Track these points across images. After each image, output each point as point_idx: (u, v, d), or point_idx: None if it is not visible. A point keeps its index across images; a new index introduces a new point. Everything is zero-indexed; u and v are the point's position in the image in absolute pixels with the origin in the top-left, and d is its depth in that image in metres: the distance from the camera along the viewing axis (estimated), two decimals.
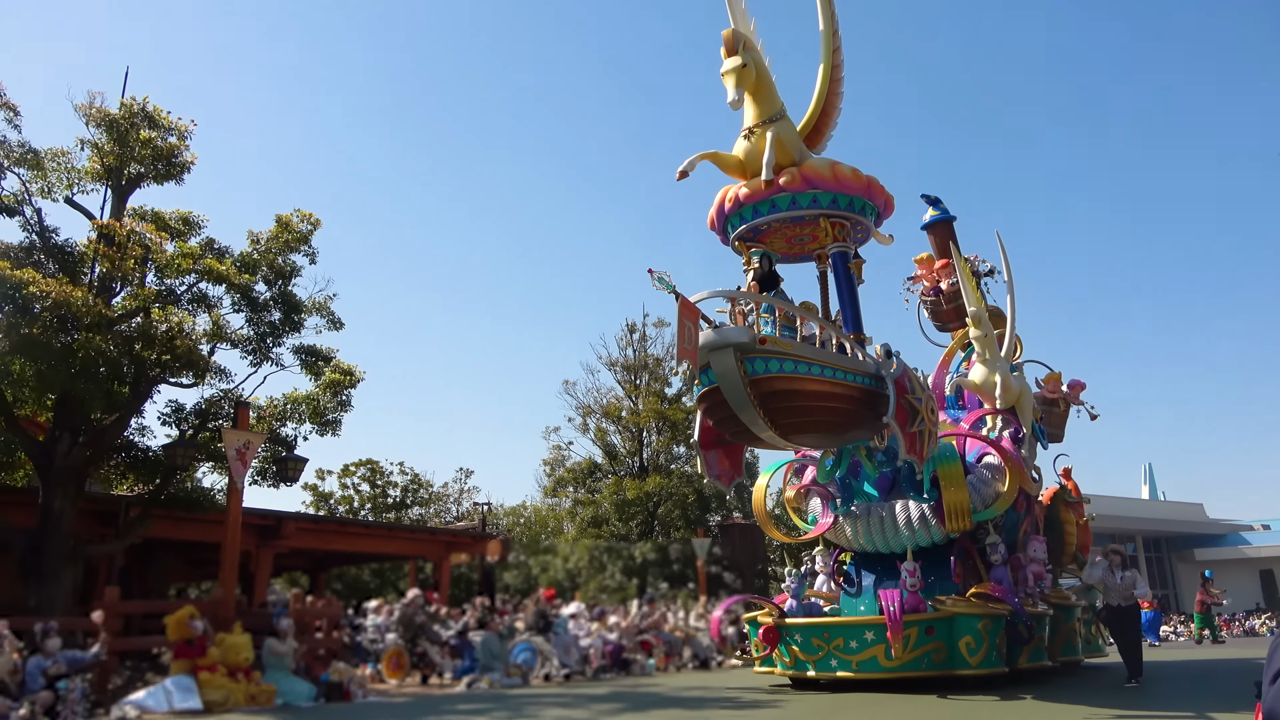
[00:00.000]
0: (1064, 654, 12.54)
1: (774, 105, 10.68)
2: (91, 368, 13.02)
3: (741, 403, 8.69)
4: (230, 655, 11.39)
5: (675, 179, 10.23)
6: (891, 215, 11.55)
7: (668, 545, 28.86)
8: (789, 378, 8.78)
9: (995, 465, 11.72)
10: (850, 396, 9.35)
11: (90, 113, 14.89)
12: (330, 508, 33.74)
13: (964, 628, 10.32)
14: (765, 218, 10.91)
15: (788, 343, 8.88)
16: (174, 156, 15.34)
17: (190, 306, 14.97)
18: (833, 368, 9.14)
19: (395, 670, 14.61)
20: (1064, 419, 14.63)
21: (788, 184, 10.52)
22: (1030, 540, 12.17)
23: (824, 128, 11.69)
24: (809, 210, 10.75)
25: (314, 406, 16.83)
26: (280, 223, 15.95)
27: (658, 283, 8.02)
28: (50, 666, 9.61)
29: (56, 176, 14.90)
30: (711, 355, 8.55)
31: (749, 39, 10.49)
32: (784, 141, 10.59)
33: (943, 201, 14.84)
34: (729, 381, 8.58)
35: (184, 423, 15.75)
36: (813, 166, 10.67)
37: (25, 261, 13.75)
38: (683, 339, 8.12)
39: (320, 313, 16.64)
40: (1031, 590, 11.62)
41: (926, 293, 14.44)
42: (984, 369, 12.10)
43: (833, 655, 10.74)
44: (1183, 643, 25.82)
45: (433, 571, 24.13)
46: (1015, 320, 13.08)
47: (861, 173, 10.83)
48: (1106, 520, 36.34)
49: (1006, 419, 12.35)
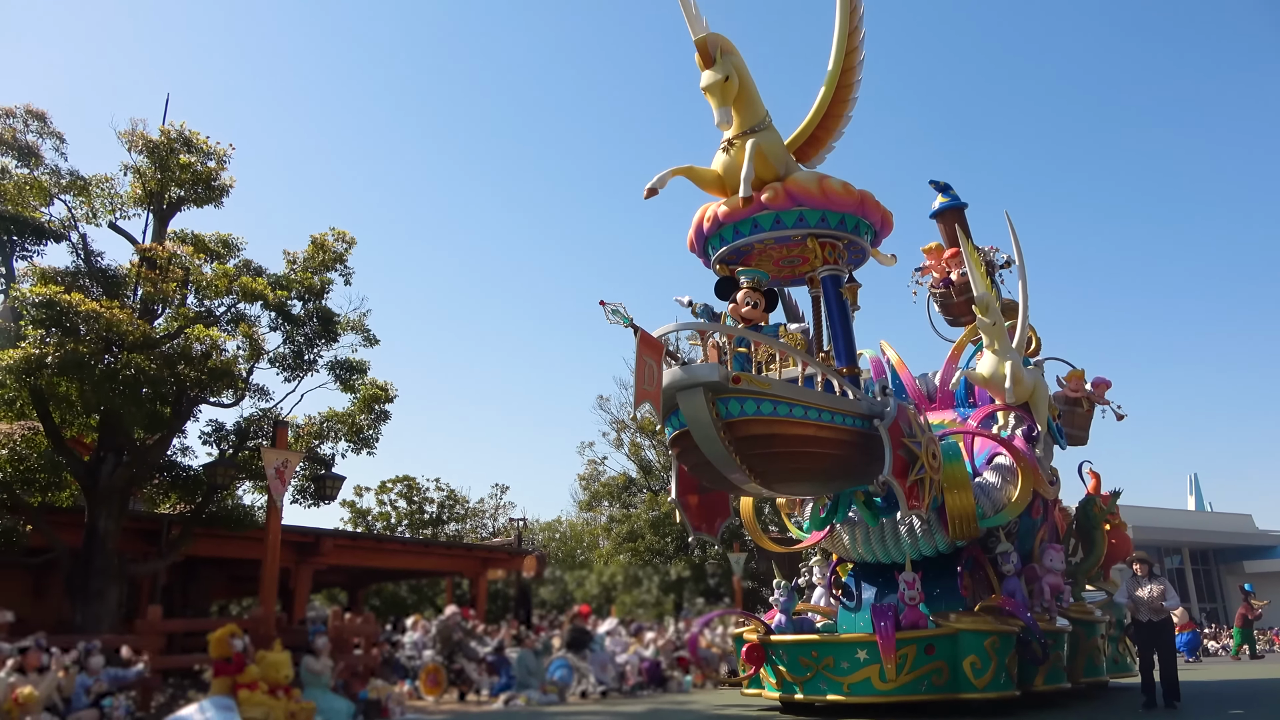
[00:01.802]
0: (1086, 674, 11.39)
1: (757, 114, 9.77)
2: (135, 388, 13.28)
3: (715, 449, 7.85)
4: (270, 672, 11.47)
5: (643, 197, 9.42)
6: (891, 233, 10.70)
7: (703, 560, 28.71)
8: (768, 420, 7.89)
9: (1006, 466, 10.68)
10: (839, 440, 8.45)
11: (133, 139, 15.27)
12: (368, 524, 34.06)
13: (969, 646, 9.23)
14: (747, 238, 10.01)
15: (765, 381, 8.02)
16: (213, 180, 15.67)
17: (229, 327, 15.23)
18: (818, 408, 8.25)
19: (433, 687, 14.65)
20: (1088, 419, 13.56)
21: (770, 201, 9.63)
22: (1047, 549, 11.21)
23: (824, 136, 10.77)
24: (795, 230, 9.85)
25: (351, 424, 17.03)
26: (315, 243, 16.20)
27: (611, 316, 7.38)
28: (94, 684, 9.77)
29: (100, 202, 15.34)
30: (679, 396, 7.70)
31: (726, 43, 9.54)
32: (766, 153, 9.69)
33: (953, 188, 13.78)
34: (700, 425, 7.74)
35: (224, 441, 16.02)
36: (798, 181, 9.77)
37: (71, 285, 14.10)
38: (641, 378, 7.32)
39: (355, 330, 16.90)
40: (1048, 604, 10.70)
41: (936, 285, 13.48)
42: (993, 360, 10.96)
43: (822, 676, 9.64)
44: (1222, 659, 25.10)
45: (469, 587, 24.21)
46: (1028, 308, 11.97)
47: (854, 187, 9.91)
48: (1151, 532, 35.65)
49: (1020, 416, 11.34)
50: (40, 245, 14.77)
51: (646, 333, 7.52)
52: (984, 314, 10.65)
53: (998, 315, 10.87)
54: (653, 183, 9.40)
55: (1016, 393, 10.96)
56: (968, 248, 11.40)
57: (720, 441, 7.79)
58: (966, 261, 11.31)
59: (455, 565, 24.47)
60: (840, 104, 10.63)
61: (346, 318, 16.70)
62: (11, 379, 12.71)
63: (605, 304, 7.41)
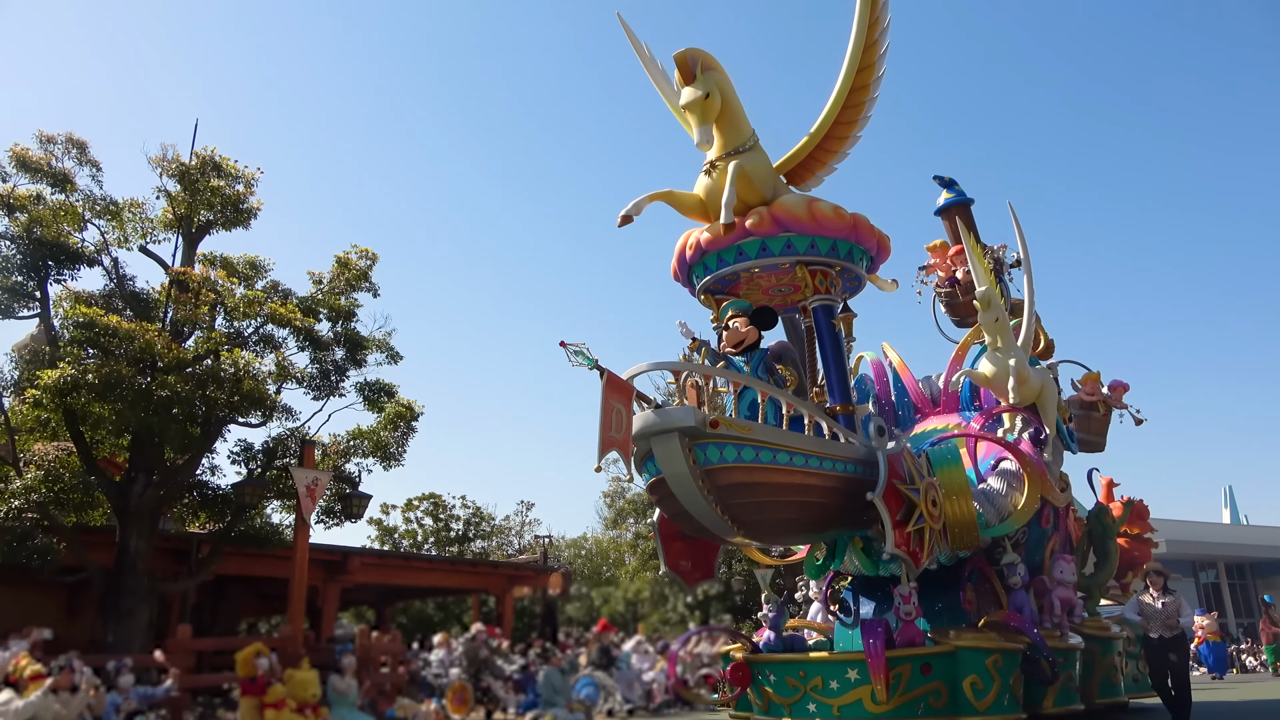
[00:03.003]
0: (1103, 695, 10.60)
1: (742, 134, 9.18)
2: (168, 409, 13.49)
3: (694, 499, 7.24)
4: (298, 691, 11.55)
5: (617, 225, 8.86)
6: (888, 258, 10.05)
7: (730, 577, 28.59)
8: (749, 468, 7.31)
9: (1012, 472, 10.03)
10: (829, 489, 7.85)
11: (164, 164, 15.59)
12: (395, 542, 34.22)
13: (969, 665, 8.55)
14: (732, 267, 9.39)
15: (746, 425, 7.41)
16: (241, 203, 15.96)
17: (257, 348, 15.45)
18: (804, 454, 7.62)
19: (459, 706, 14.66)
20: (1105, 425, 12.84)
21: (755, 227, 8.99)
22: (1057, 560, 10.50)
23: (824, 157, 9.96)
24: (783, 257, 9.22)
25: (376, 440, 17.20)
26: (339, 262, 16.45)
27: (573, 357, 6.80)
28: (124, 703, 9.89)
29: (132, 227, 15.71)
30: (653, 443, 7.10)
31: (708, 59, 8.97)
32: (751, 176, 9.06)
33: (958, 183, 13.16)
34: (676, 475, 7.13)
35: (252, 461, 16.22)
36: (785, 205, 9.13)
37: (105, 308, 14.41)
38: (608, 424, 6.63)
39: (380, 348, 17.14)
40: (1059, 619, 10.02)
41: (941, 284, 12.74)
42: (995, 358, 10.24)
43: (810, 698, 8.93)
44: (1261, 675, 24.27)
45: (496, 605, 24.25)
46: (1034, 305, 11.24)
47: (846, 211, 9.27)
48: (1186, 546, 35.10)
49: (1026, 418, 10.68)
50: (74, 269, 15.08)
51: (614, 375, 6.91)
52: (986, 309, 9.98)
53: (1001, 311, 10.14)
54: (627, 209, 8.86)
55: (1021, 393, 10.21)
56: (969, 241, 10.83)
57: (699, 491, 7.18)
58: (968, 255, 10.67)
59: (482, 583, 24.53)
60: (847, 124, 9.78)
61: (373, 336, 16.96)
62: (49, 398, 12.96)
63: (566, 345, 6.82)
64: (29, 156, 14.73)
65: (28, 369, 13.26)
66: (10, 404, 14.27)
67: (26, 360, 13.40)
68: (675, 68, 8.87)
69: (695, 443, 7.13)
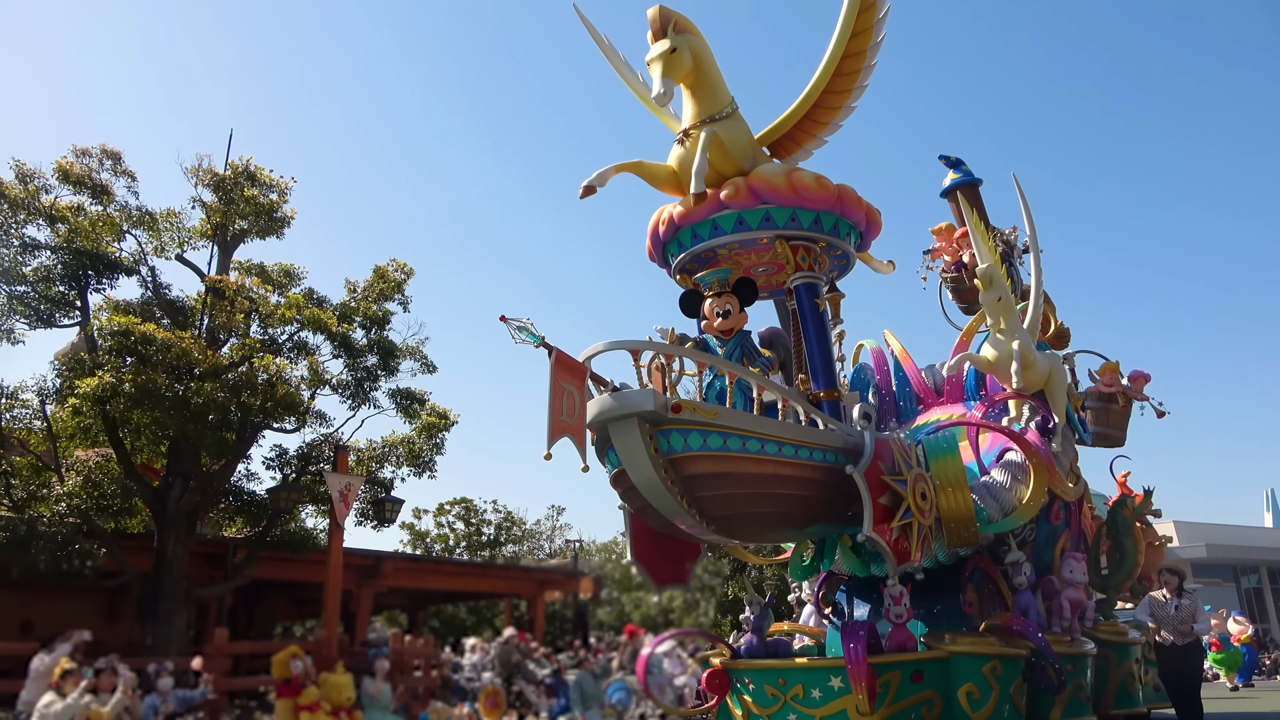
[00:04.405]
0: (1119, 705, 9.81)
1: (718, 102, 8.44)
2: (204, 414, 13.70)
3: (657, 492, 6.60)
4: (333, 694, 11.68)
5: (579, 196, 8.19)
6: (879, 234, 9.30)
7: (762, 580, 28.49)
8: (718, 457, 6.69)
9: (1017, 463, 9.22)
10: (807, 479, 7.15)
11: (199, 174, 15.87)
12: (427, 546, 34.47)
13: (964, 672, 7.89)
14: (708, 243, 8.60)
15: (712, 409, 6.75)
16: (275, 212, 16.18)
17: (291, 354, 15.64)
18: (778, 441, 6.96)
19: (492, 710, 14.72)
20: (1124, 418, 12.06)
21: (730, 198, 8.26)
22: (1066, 559, 9.77)
23: (813, 129, 9.12)
24: (761, 231, 8.49)
25: (410, 449, 17.36)
26: (377, 272, 16.70)
27: (517, 334, 6.24)
28: (163, 705, 10.03)
29: (169, 236, 15.99)
30: (611, 429, 6.49)
31: (683, 20, 8.36)
32: (728, 145, 8.31)
33: (965, 163, 12.38)
34: (637, 464, 6.52)
35: (287, 466, 16.41)
36: (762, 175, 8.36)
37: (143, 317, 14.66)
38: (558, 408, 6.13)
39: (414, 357, 17.32)
40: (1069, 622, 9.27)
41: (948, 269, 12.01)
42: (999, 342, 9.45)
43: (790, 708, 8.15)
44: None
45: (527, 609, 24.35)
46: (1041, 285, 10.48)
47: (830, 181, 8.46)
48: (1227, 551, 34.49)
49: (1034, 406, 9.93)
50: (113, 279, 15.35)
51: (563, 353, 6.35)
52: (988, 288, 9.19)
53: (1004, 290, 9.35)
54: (590, 180, 8.11)
55: (1027, 378, 9.42)
56: (972, 218, 10.08)
57: (662, 483, 6.53)
58: (970, 231, 9.95)
59: (513, 587, 24.64)
60: (839, 93, 8.91)
61: (406, 344, 17.15)
62: (89, 406, 13.21)
63: (508, 320, 6.21)
64: (71, 169, 15.04)
65: (69, 377, 13.53)
66: (52, 411, 14.56)
67: (69, 368, 13.67)
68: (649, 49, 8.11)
69: (657, 429, 6.51)
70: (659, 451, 6.51)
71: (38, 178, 14.83)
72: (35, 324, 14.65)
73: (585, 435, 6.41)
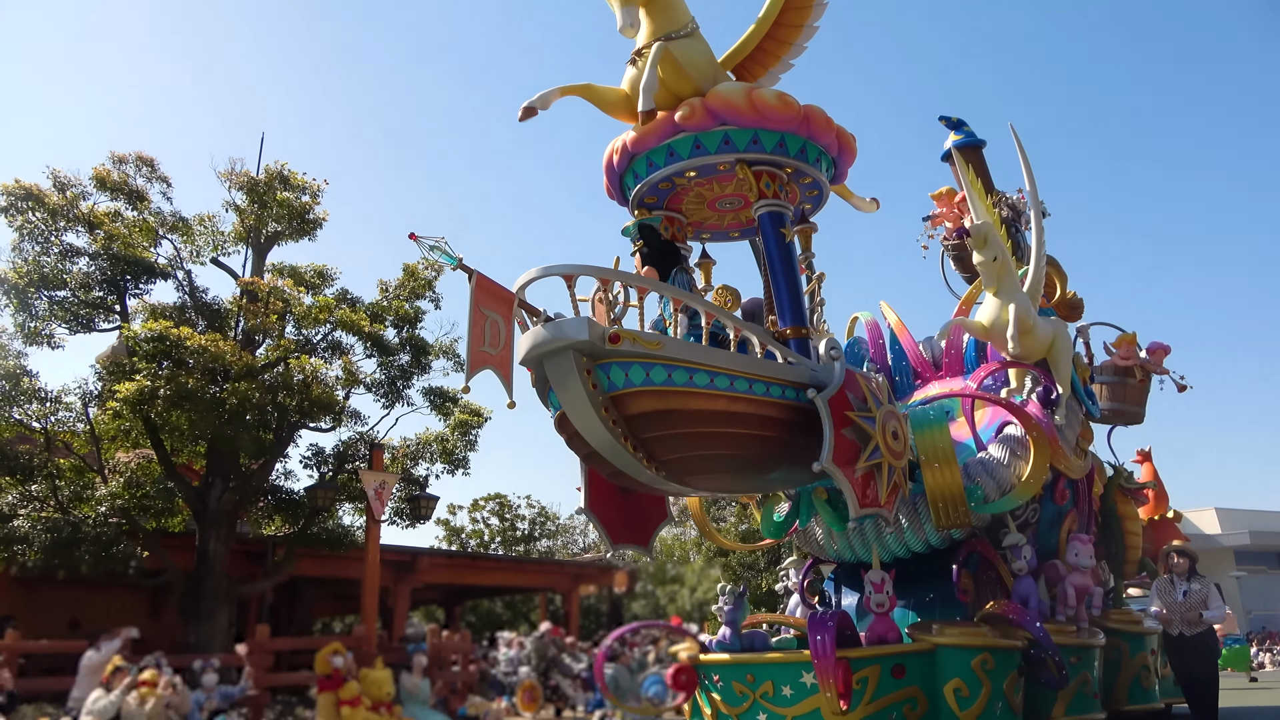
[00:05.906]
0: (1132, 700, 9.00)
1: (676, 19, 7.65)
2: (240, 416, 13.92)
3: (597, 433, 5.93)
4: (373, 690, 11.83)
5: (518, 119, 7.49)
6: (854, 161, 8.41)
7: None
8: (662, 392, 5.95)
9: (1016, 438, 8.33)
10: (764, 417, 6.36)
11: (233, 178, 16.10)
12: (462, 542, 34.77)
13: (951, 666, 7.12)
14: (664, 170, 7.73)
15: (654, 340, 5.99)
16: (307, 214, 16.37)
17: (326, 354, 15.84)
18: (729, 375, 6.15)
19: (529, 704, 14.84)
20: (1143, 393, 11.25)
21: (685, 119, 7.39)
22: (1072, 541, 8.89)
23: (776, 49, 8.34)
24: (720, 155, 7.56)
25: (444, 446, 17.53)
26: (408, 271, 16.84)
27: (429, 253, 5.53)
28: (207, 702, 10.22)
29: (204, 240, 16.24)
30: (545, 365, 5.83)
31: None
32: (684, 64, 7.50)
33: (967, 124, 11.47)
34: (575, 402, 5.83)
35: (324, 465, 16.64)
36: (719, 94, 7.48)
37: (179, 320, 14.91)
38: (478, 337, 5.50)
39: (446, 355, 17.47)
40: (1074, 610, 8.43)
41: (949, 235, 11.22)
42: (995, 305, 8.59)
43: (760, 707, 7.47)
44: None
45: (562, 603, 24.50)
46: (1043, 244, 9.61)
47: (794, 99, 7.56)
48: (1272, 538, 33.82)
49: (1036, 376, 9.08)
50: (150, 283, 15.63)
51: (485, 277, 5.69)
52: (981, 248, 8.40)
53: (1000, 249, 8.49)
54: (532, 101, 7.38)
55: (1024, 344, 8.57)
56: (969, 177, 9.20)
57: (604, 424, 5.84)
58: (966, 190, 9.16)
59: (548, 581, 24.80)
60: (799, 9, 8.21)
61: (439, 342, 17.32)
62: (128, 410, 13.47)
63: (418, 238, 5.49)
64: (108, 176, 15.32)
65: (109, 381, 13.79)
66: (94, 414, 14.86)
67: (109, 372, 13.94)
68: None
69: (596, 363, 5.85)
70: (598, 388, 5.85)
71: (75, 185, 15.13)
72: (75, 329, 14.96)
73: (511, 367, 5.81)
